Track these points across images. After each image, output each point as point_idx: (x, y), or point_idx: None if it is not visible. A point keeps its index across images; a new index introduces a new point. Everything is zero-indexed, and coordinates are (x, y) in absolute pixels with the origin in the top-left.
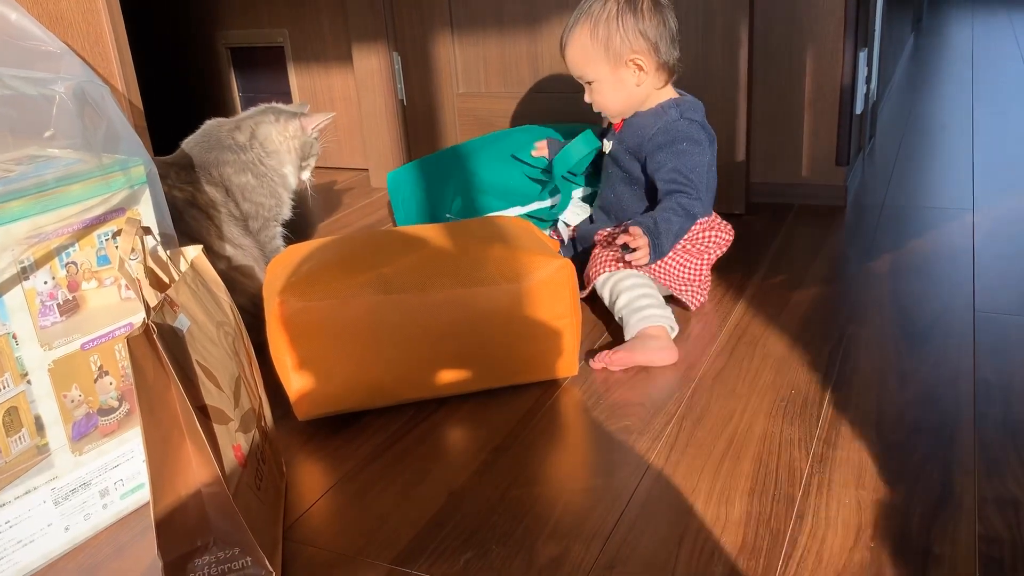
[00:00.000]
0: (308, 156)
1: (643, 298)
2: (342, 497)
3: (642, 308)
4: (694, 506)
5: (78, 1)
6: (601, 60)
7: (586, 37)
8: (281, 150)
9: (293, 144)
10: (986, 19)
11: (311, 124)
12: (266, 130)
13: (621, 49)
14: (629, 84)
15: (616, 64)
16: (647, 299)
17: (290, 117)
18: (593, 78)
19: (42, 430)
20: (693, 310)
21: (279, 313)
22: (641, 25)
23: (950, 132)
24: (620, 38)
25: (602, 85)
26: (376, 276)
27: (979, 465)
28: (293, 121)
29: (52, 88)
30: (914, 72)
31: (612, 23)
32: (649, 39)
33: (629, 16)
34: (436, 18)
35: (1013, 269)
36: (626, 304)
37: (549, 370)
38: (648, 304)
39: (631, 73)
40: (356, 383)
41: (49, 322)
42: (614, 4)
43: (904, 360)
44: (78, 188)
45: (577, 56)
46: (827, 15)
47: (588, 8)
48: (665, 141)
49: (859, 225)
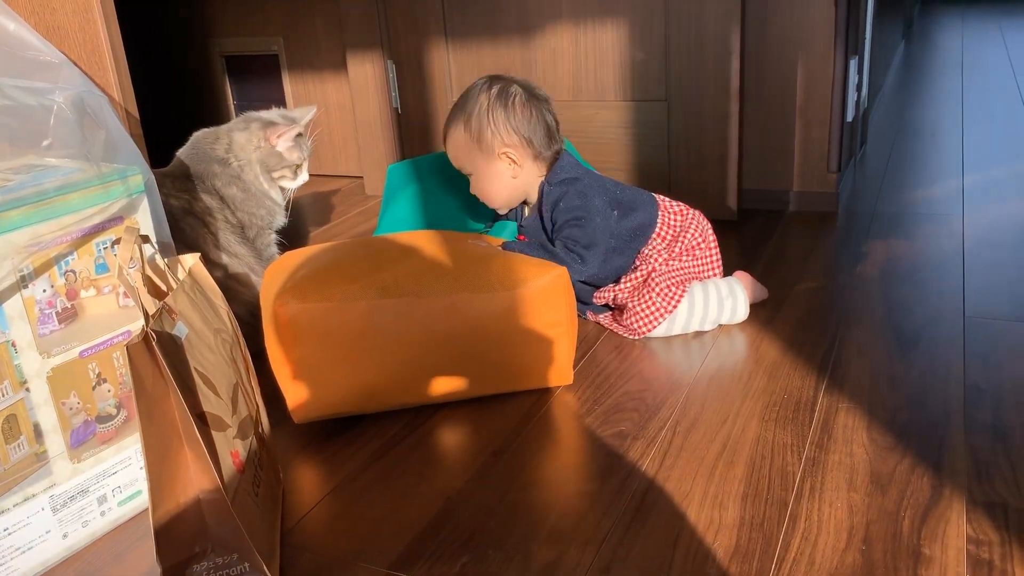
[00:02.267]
0: (274, 168)
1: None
2: (339, 502)
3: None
4: (688, 510)
5: (75, 12)
6: (476, 153)
7: (460, 130)
8: (252, 159)
9: (256, 156)
10: (975, 26)
11: (275, 135)
12: (238, 139)
13: (492, 143)
14: (505, 176)
15: (489, 157)
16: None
17: (262, 126)
18: (471, 170)
19: (40, 437)
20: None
21: (277, 314)
22: (512, 120)
23: (940, 138)
24: (491, 132)
25: (480, 177)
26: (374, 280)
27: (969, 468)
28: (259, 131)
29: (50, 98)
30: (905, 79)
31: (483, 118)
32: (520, 134)
33: (499, 111)
34: (430, 26)
35: (1002, 274)
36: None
37: (543, 378)
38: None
39: (506, 166)
40: (352, 387)
41: (48, 330)
42: (485, 98)
43: (895, 365)
44: (77, 197)
45: (453, 149)
46: (817, 24)
47: (463, 103)
48: (562, 223)
49: (850, 231)
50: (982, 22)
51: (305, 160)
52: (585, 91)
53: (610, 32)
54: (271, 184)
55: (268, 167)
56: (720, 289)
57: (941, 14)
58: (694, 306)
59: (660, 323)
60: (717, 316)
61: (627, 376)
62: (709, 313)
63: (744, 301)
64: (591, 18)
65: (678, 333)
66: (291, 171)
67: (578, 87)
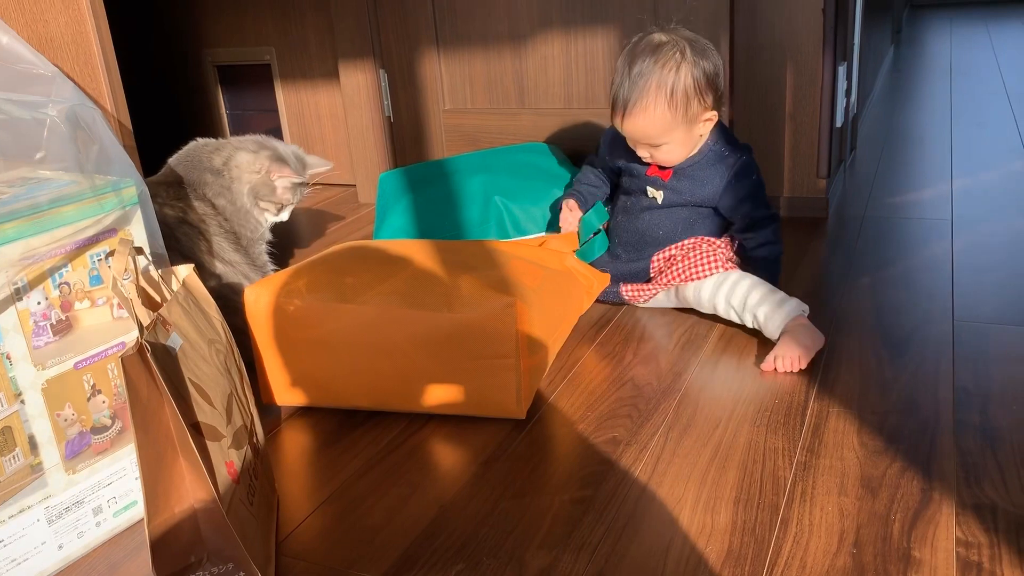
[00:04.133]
0: (263, 198)
1: (772, 292)
2: (333, 511)
3: (781, 302)
4: (681, 515)
5: (68, 24)
6: (679, 126)
7: (663, 108)
8: (243, 180)
9: (250, 178)
10: (964, 30)
11: (277, 172)
12: (242, 157)
13: (698, 111)
14: (697, 136)
15: (692, 125)
16: (775, 292)
17: (271, 158)
18: (665, 142)
19: (36, 449)
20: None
21: (246, 299)
22: (708, 68)
23: (929, 143)
24: (699, 102)
25: (674, 145)
26: (340, 284)
27: (958, 471)
28: (264, 161)
29: (44, 112)
30: (894, 83)
31: (691, 87)
32: (715, 88)
33: (700, 73)
34: (422, 36)
35: (990, 278)
36: (760, 301)
37: (493, 408)
38: (782, 296)
39: (704, 126)
40: (313, 379)
41: (42, 342)
42: (687, 66)
43: (885, 369)
44: (71, 209)
45: (647, 127)
46: (805, 30)
47: (656, 71)
48: (740, 195)
49: (841, 236)
50: (971, 26)
51: (293, 204)
52: (576, 99)
53: (600, 40)
54: (253, 206)
55: (256, 194)
56: (777, 293)
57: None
58: (740, 282)
59: (712, 273)
60: (755, 308)
61: (620, 382)
62: (750, 300)
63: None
64: (581, 26)
65: (706, 305)
66: (276, 207)
67: (569, 95)
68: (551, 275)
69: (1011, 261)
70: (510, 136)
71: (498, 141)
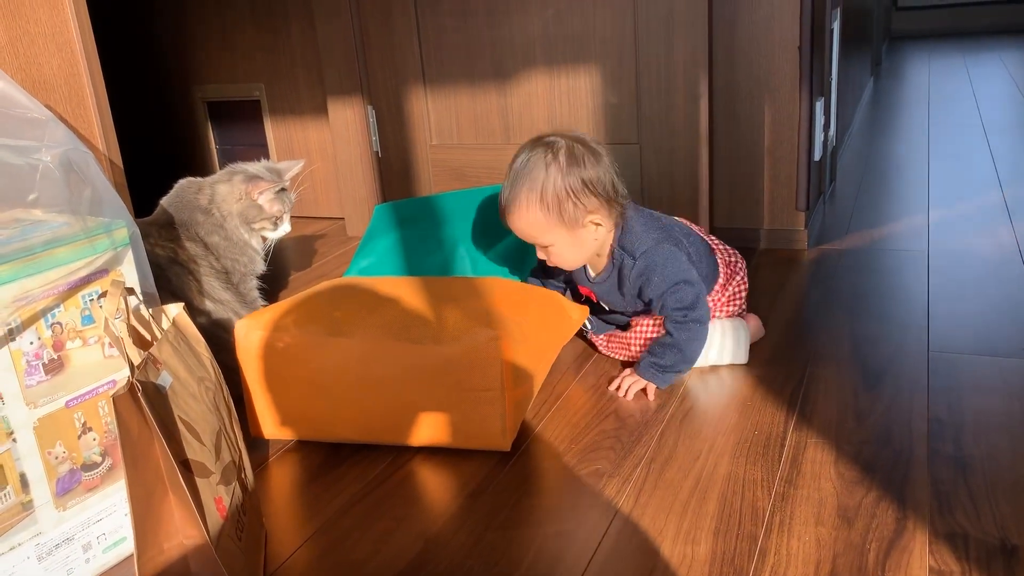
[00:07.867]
0: (254, 220)
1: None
2: (321, 546)
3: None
4: (662, 546)
5: (61, 66)
6: (556, 227)
7: (535, 210)
8: (233, 211)
9: (236, 208)
10: (941, 62)
11: (257, 190)
12: (220, 190)
13: (576, 214)
14: (589, 241)
15: (573, 227)
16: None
17: (244, 179)
18: (549, 243)
19: (27, 487)
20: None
21: (236, 334)
22: (590, 183)
23: (907, 175)
24: (573, 203)
25: (562, 248)
26: (328, 318)
27: (931, 501)
28: (241, 185)
29: (37, 157)
30: (873, 115)
31: (561, 190)
32: (600, 193)
33: (575, 177)
34: (408, 72)
35: (965, 310)
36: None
37: (479, 440)
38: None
39: (591, 231)
40: (302, 414)
41: (35, 381)
42: (556, 169)
43: (861, 400)
44: (64, 251)
45: (527, 228)
46: (783, 67)
47: (525, 179)
48: (654, 294)
49: (820, 268)
50: (948, 58)
51: (286, 212)
52: None
53: (583, 77)
54: (251, 234)
55: (248, 219)
56: (727, 331)
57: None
58: (710, 345)
59: None
60: (718, 357)
61: (603, 414)
62: (710, 353)
63: (746, 345)
64: (564, 64)
65: None
66: (271, 222)
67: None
68: (535, 307)
69: (986, 293)
70: (497, 170)
71: (484, 175)
